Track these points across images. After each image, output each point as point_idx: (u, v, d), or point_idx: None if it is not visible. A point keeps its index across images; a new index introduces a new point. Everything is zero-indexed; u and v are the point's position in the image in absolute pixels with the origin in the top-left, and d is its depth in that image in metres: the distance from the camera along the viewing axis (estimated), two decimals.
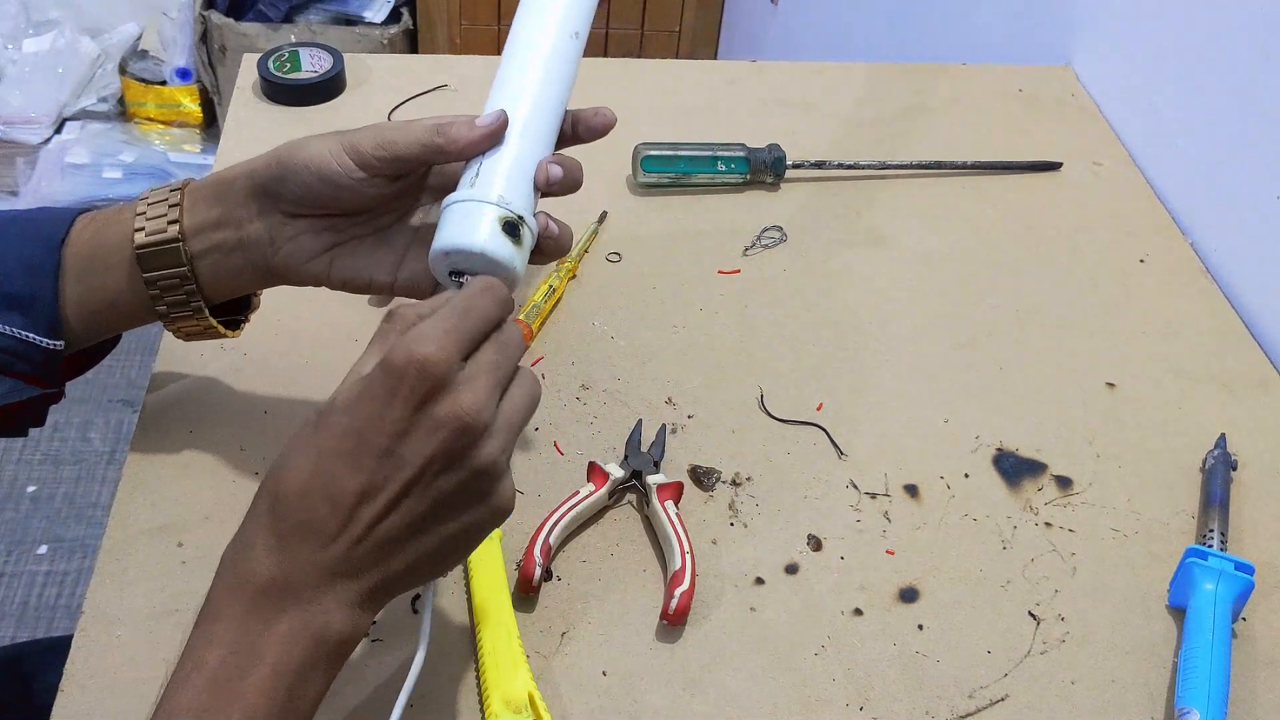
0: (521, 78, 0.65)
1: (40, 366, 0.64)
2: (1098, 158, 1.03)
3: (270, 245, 0.65)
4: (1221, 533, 0.70)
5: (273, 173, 0.63)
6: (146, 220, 0.64)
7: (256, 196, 0.64)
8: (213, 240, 0.64)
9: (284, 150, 0.64)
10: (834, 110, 1.06)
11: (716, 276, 0.87)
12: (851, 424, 0.77)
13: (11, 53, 2.63)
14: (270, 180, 0.64)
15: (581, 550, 0.68)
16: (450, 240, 0.60)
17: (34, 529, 1.85)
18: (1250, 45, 0.89)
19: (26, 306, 0.63)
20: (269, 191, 0.64)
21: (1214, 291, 0.90)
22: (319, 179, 0.63)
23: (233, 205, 0.64)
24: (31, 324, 0.63)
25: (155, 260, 0.63)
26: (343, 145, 0.62)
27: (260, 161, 0.64)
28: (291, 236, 0.65)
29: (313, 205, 0.64)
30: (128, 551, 0.65)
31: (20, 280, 0.62)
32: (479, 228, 0.59)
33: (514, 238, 0.60)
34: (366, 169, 0.63)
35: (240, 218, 0.65)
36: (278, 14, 2.47)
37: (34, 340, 0.63)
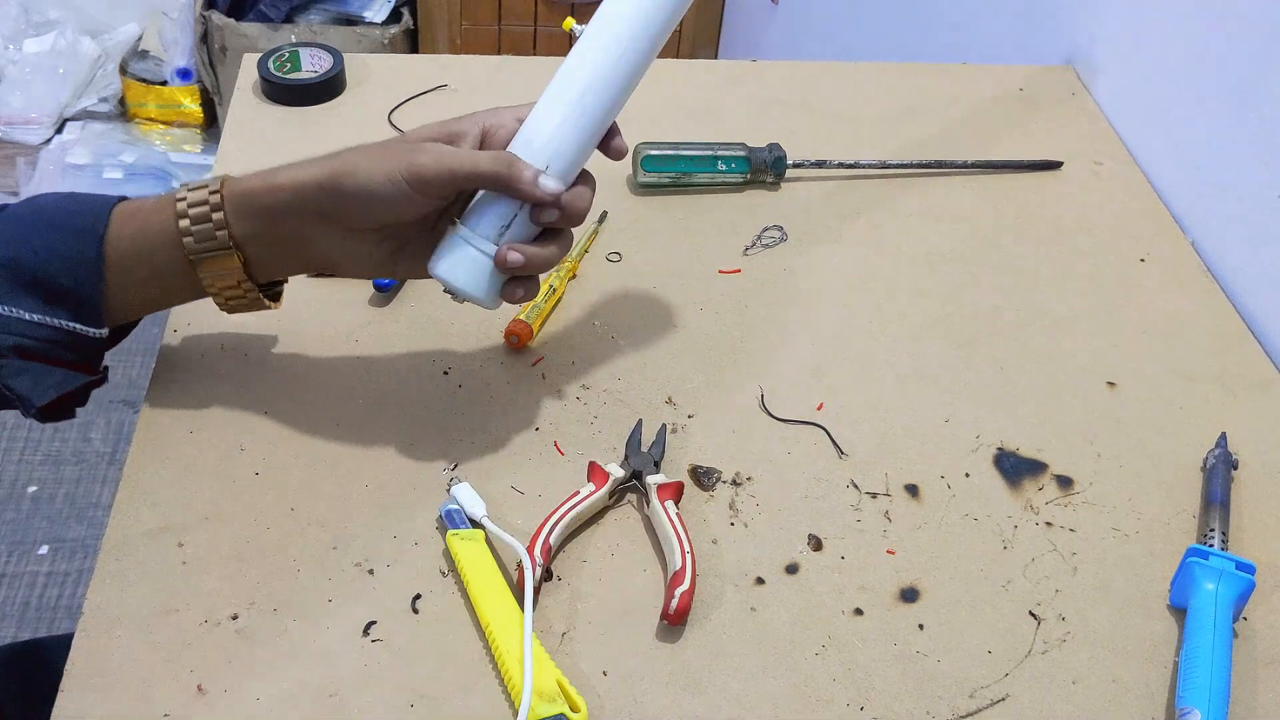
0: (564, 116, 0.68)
1: (87, 354, 0.67)
2: (1098, 157, 1.02)
3: (330, 255, 0.68)
4: (1222, 532, 0.70)
5: (327, 197, 0.65)
6: (192, 224, 0.66)
7: (310, 216, 0.66)
8: (267, 248, 0.68)
9: (337, 173, 0.65)
10: (834, 110, 1.06)
11: (717, 276, 0.87)
12: (852, 424, 0.77)
13: (12, 53, 2.63)
14: (324, 203, 0.66)
15: (582, 550, 0.68)
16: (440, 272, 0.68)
17: (35, 529, 1.85)
18: (1251, 45, 0.89)
19: (73, 300, 0.66)
20: (324, 212, 0.66)
21: (1215, 291, 0.90)
22: (379, 204, 0.65)
23: (285, 222, 0.67)
24: (78, 316, 0.66)
25: (209, 263, 0.67)
26: (401, 172, 0.64)
27: (309, 180, 0.65)
28: (353, 250, 0.68)
29: (372, 223, 0.67)
30: (128, 552, 0.65)
31: (65, 276, 0.65)
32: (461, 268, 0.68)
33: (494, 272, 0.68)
34: (427, 194, 0.65)
35: (295, 233, 0.67)
36: (278, 14, 2.47)
37: (81, 331, 0.66)
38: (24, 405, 0.65)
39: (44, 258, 0.65)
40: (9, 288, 0.65)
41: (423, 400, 0.75)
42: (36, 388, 0.65)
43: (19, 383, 0.65)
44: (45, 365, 0.66)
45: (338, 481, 0.70)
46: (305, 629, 0.63)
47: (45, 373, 0.66)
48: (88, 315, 0.66)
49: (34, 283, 0.65)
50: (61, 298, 0.66)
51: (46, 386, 0.65)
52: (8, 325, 0.65)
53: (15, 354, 0.65)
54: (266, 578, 0.65)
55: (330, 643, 0.62)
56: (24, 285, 0.65)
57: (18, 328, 0.65)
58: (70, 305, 0.66)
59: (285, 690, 0.60)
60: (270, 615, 0.63)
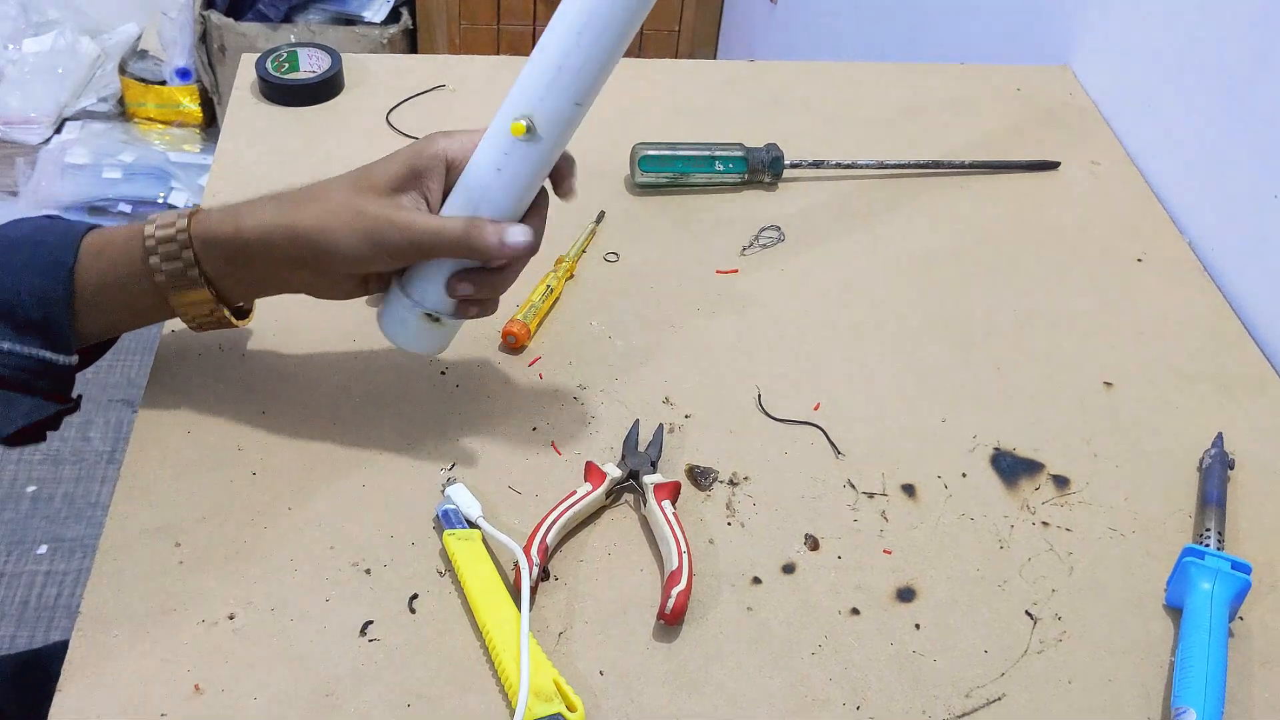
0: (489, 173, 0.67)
1: (57, 382, 0.67)
2: (1096, 157, 1.03)
3: (306, 288, 0.69)
4: (1218, 532, 0.70)
5: (296, 249, 0.66)
6: (162, 261, 0.66)
7: (279, 259, 0.67)
8: (238, 283, 0.69)
9: (307, 230, 0.65)
10: (832, 110, 1.06)
11: (714, 276, 0.88)
12: (849, 424, 0.77)
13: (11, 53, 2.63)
14: (292, 252, 0.66)
15: (579, 550, 0.68)
16: (388, 334, 0.71)
17: (34, 529, 1.85)
18: (1248, 45, 0.89)
19: (43, 330, 0.66)
20: (298, 261, 0.66)
21: (1212, 291, 0.90)
22: (350, 264, 0.66)
23: (254, 264, 0.67)
24: (49, 344, 0.66)
25: (180, 293, 0.67)
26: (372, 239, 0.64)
27: (276, 229, 0.65)
28: (329, 284, 0.69)
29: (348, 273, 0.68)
30: (125, 552, 0.66)
31: (35, 310, 0.65)
32: (404, 329, 0.70)
33: (434, 322, 0.70)
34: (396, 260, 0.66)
35: (265, 271, 0.68)
36: (277, 14, 2.47)
37: (51, 359, 0.66)
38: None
39: (14, 292, 0.65)
40: None
41: (420, 400, 0.75)
42: (5, 416, 0.65)
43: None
44: (15, 394, 0.66)
45: (335, 481, 0.70)
46: (302, 629, 0.63)
47: (14, 401, 0.66)
48: (58, 344, 0.66)
49: (4, 315, 0.65)
50: (31, 328, 0.66)
51: (15, 415, 0.66)
52: None
53: None
54: (264, 577, 0.65)
55: (327, 642, 0.62)
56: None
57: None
58: (40, 334, 0.66)
59: (282, 690, 0.60)
60: (267, 615, 0.63)
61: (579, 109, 0.66)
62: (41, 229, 0.68)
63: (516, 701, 0.58)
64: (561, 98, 0.65)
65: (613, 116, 1.00)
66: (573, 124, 0.67)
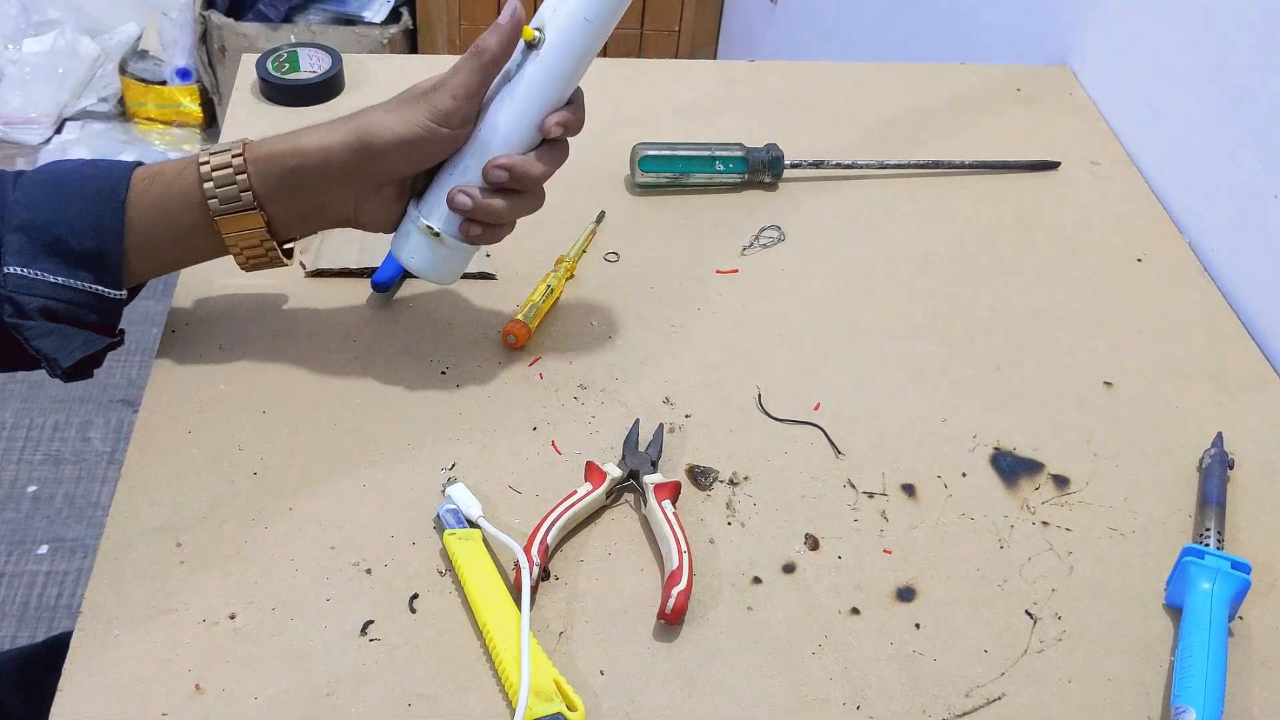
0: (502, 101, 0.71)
1: (107, 316, 0.70)
2: (1096, 157, 1.03)
3: (354, 213, 0.72)
4: (1218, 532, 0.70)
5: (355, 156, 0.68)
6: (216, 186, 0.68)
7: (335, 176, 0.69)
8: (290, 207, 0.70)
9: (365, 131, 0.68)
10: (832, 110, 1.06)
11: (714, 276, 0.88)
12: (849, 423, 0.77)
13: (12, 53, 2.63)
14: (351, 163, 0.68)
15: (579, 550, 0.68)
16: (396, 252, 0.74)
17: (34, 529, 1.85)
18: (1248, 44, 0.89)
19: (95, 263, 0.68)
20: (349, 172, 0.69)
21: (1212, 291, 0.90)
22: (415, 150, 0.69)
23: (310, 183, 0.69)
24: (100, 278, 0.68)
25: (232, 223, 0.69)
26: (428, 114, 0.68)
27: (336, 142, 0.68)
28: (377, 205, 0.72)
29: (402, 173, 0.71)
30: (126, 551, 0.66)
31: (88, 240, 0.67)
32: (405, 241, 0.73)
33: (435, 238, 0.72)
34: (450, 124, 0.69)
35: (319, 193, 0.70)
36: (277, 14, 2.47)
37: (103, 293, 0.68)
38: (51, 365, 0.67)
39: (67, 222, 0.67)
40: (32, 251, 0.67)
41: (420, 400, 0.75)
42: (63, 349, 0.67)
43: (46, 344, 0.67)
44: (69, 327, 0.68)
45: (336, 481, 0.70)
46: (303, 628, 0.63)
47: (71, 335, 0.68)
48: (110, 278, 0.68)
49: (57, 246, 0.67)
50: (85, 261, 0.67)
51: (72, 348, 0.67)
52: (33, 288, 0.66)
53: (42, 315, 0.67)
54: (264, 577, 0.65)
55: (328, 642, 0.62)
56: (46, 248, 0.67)
57: (43, 290, 0.67)
58: (93, 268, 0.68)
59: (283, 689, 0.60)
60: (268, 614, 0.63)
61: (588, 24, 0.69)
62: (89, 164, 0.70)
63: (517, 701, 0.58)
64: (572, 11, 0.69)
65: (613, 116, 1.00)
66: (581, 40, 0.69)
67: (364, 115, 0.69)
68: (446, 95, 0.69)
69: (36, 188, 0.68)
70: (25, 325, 0.66)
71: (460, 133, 0.70)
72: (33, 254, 0.66)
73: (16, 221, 0.67)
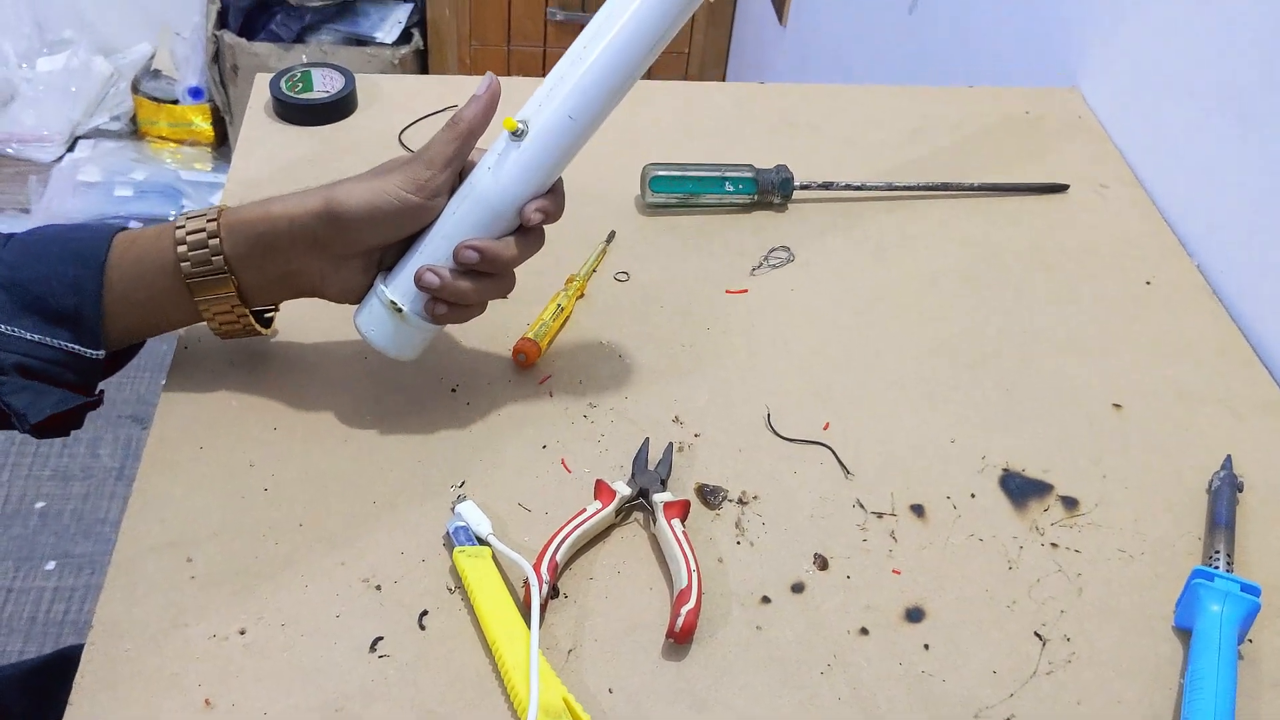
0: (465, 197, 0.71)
1: (84, 375, 0.70)
2: (1104, 180, 1.03)
3: (320, 281, 0.72)
4: (1228, 554, 0.70)
5: (323, 224, 0.68)
6: (190, 250, 0.69)
7: (303, 244, 0.69)
8: (260, 274, 0.70)
9: (333, 199, 0.68)
10: (841, 132, 1.07)
11: (724, 296, 0.88)
12: (858, 443, 0.77)
13: (25, 72, 2.66)
14: (320, 231, 0.69)
15: (588, 568, 0.68)
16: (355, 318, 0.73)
17: (42, 545, 1.86)
18: (1256, 68, 0.89)
19: (73, 322, 0.68)
20: (318, 240, 0.69)
21: (1220, 314, 0.90)
22: (384, 220, 0.68)
23: (278, 249, 0.69)
24: (77, 337, 0.69)
25: (205, 289, 0.69)
26: (401, 183, 0.68)
27: (304, 210, 0.69)
28: (344, 275, 0.71)
29: (370, 243, 0.70)
30: (137, 566, 0.66)
31: (67, 299, 0.68)
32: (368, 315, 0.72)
33: (397, 313, 0.71)
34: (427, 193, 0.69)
35: (287, 260, 0.70)
36: (289, 34, 2.49)
37: (80, 352, 0.69)
38: (21, 421, 0.67)
39: (47, 281, 0.68)
40: (13, 309, 0.68)
41: (431, 417, 0.76)
42: (34, 405, 0.67)
43: (18, 399, 0.67)
44: (44, 385, 0.68)
45: (346, 498, 0.71)
46: (313, 644, 0.63)
47: (44, 391, 0.68)
48: (87, 337, 0.69)
49: (37, 305, 0.68)
50: (63, 319, 0.68)
51: (43, 404, 0.68)
52: (10, 344, 0.67)
53: (17, 372, 0.67)
54: (274, 593, 0.65)
55: (337, 658, 0.62)
56: (27, 307, 0.68)
57: (20, 346, 0.67)
58: (70, 327, 0.69)
59: (292, 705, 0.60)
60: (278, 630, 0.63)
61: (571, 122, 0.68)
62: (74, 228, 0.71)
63: (526, 718, 0.58)
64: (558, 108, 0.68)
65: (623, 137, 1.01)
66: (564, 137, 0.69)
67: (337, 184, 0.69)
68: (421, 164, 0.69)
69: (23, 248, 0.69)
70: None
71: (433, 204, 0.69)
72: (12, 311, 0.67)
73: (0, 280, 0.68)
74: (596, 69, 0.68)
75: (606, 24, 0.68)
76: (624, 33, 0.67)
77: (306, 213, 0.68)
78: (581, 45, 0.68)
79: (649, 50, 0.68)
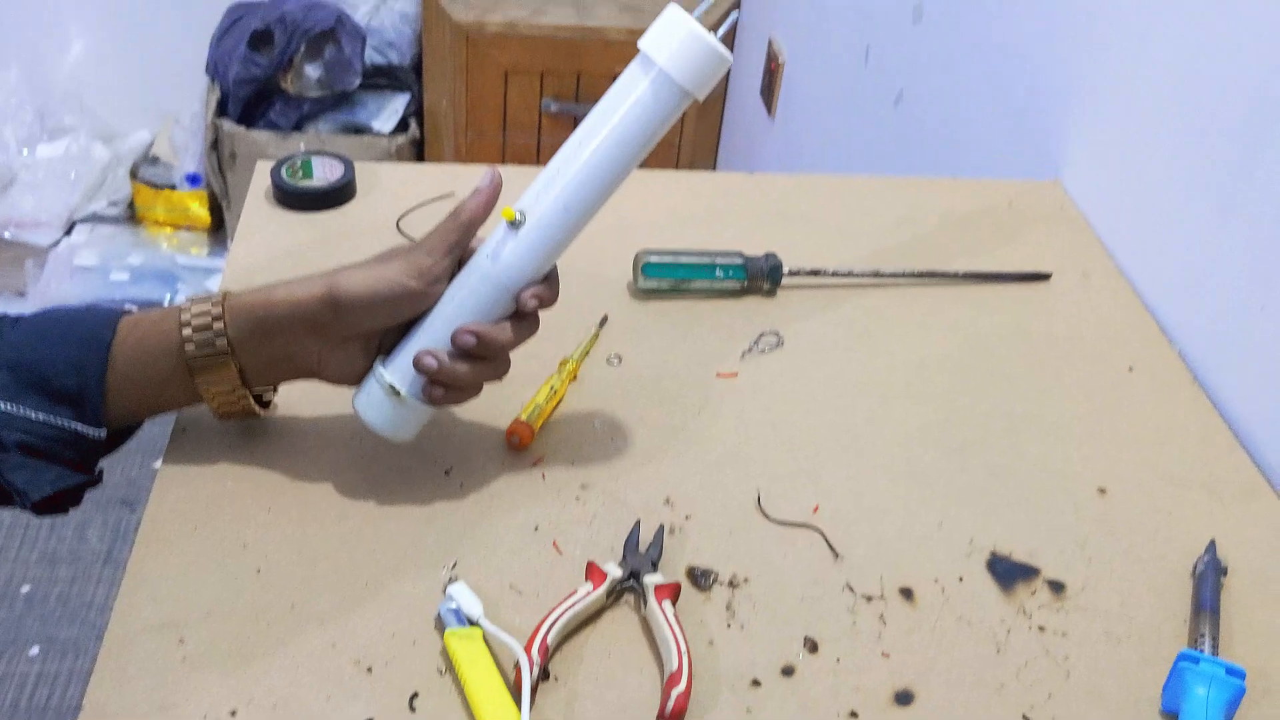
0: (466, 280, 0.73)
1: (85, 455, 0.71)
2: (1086, 269, 1.05)
3: (319, 364, 0.73)
4: (1213, 638, 0.70)
5: (324, 309, 0.70)
6: (194, 332, 0.70)
7: (303, 328, 0.71)
8: (261, 357, 0.72)
9: (335, 285, 0.70)
10: (829, 221, 1.09)
11: (715, 380, 0.89)
12: (847, 526, 0.78)
13: (26, 158, 2.69)
14: (320, 316, 0.70)
15: (579, 650, 0.68)
16: (354, 400, 0.75)
17: (27, 629, 1.84)
18: (1233, 161, 0.92)
19: (76, 402, 0.70)
20: (319, 326, 0.71)
21: (1202, 400, 0.91)
22: (384, 306, 0.70)
23: (279, 334, 0.71)
24: (80, 416, 0.70)
25: (206, 371, 0.71)
26: (402, 270, 0.70)
27: (306, 296, 0.70)
28: (343, 358, 0.73)
29: (369, 327, 0.72)
30: (128, 647, 0.66)
31: (71, 379, 0.69)
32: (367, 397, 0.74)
33: (395, 396, 0.73)
34: (427, 279, 0.71)
35: (288, 343, 0.72)
36: (288, 123, 2.53)
37: (82, 431, 0.70)
38: (21, 498, 0.68)
39: (52, 362, 0.69)
40: (17, 388, 0.69)
41: (424, 499, 0.76)
42: (34, 482, 0.68)
43: (18, 476, 0.68)
44: (44, 462, 0.69)
45: (338, 578, 0.71)
46: None
47: (44, 469, 0.69)
48: (89, 416, 0.70)
49: (42, 384, 0.69)
50: (65, 398, 0.70)
51: (43, 482, 0.68)
52: (13, 422, 0.68)
53: (18, 450, 0.68)
54: (266, 674, 0.65)
55: None
56: (31, 386, 0.69)
57: (22, 425, 0.69)
58: (73, 405, 0.70)
59: None
60: (269, 712, 0.63)
61: (566, 214, 0.71)
62: (82, 310, 0.73)
63: None
64: (554, 199, 0.71)
65: (617, 224, 1.03)
66: (560, 227, 0.71)
67: (339, 270, 0.71)
68: (423, 252, 0.71)
69: (31, 329, 0.71)
70: (0, 458, 0.67)
71: (432, 291, 0.71)
72: (16, 391, 0.69)
73: (5, 360, 0.70)
74: (591, 164, 0.70)
75: (601, 122, 0.71)
76: (617, 131, 0.70)
77: (309, 298, 0.70)
78: (577, 141, 0.71)
79: (641, 148, 0.71)
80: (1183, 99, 0.98)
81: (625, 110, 0.70)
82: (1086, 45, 1.13)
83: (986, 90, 1.35)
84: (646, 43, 0.69)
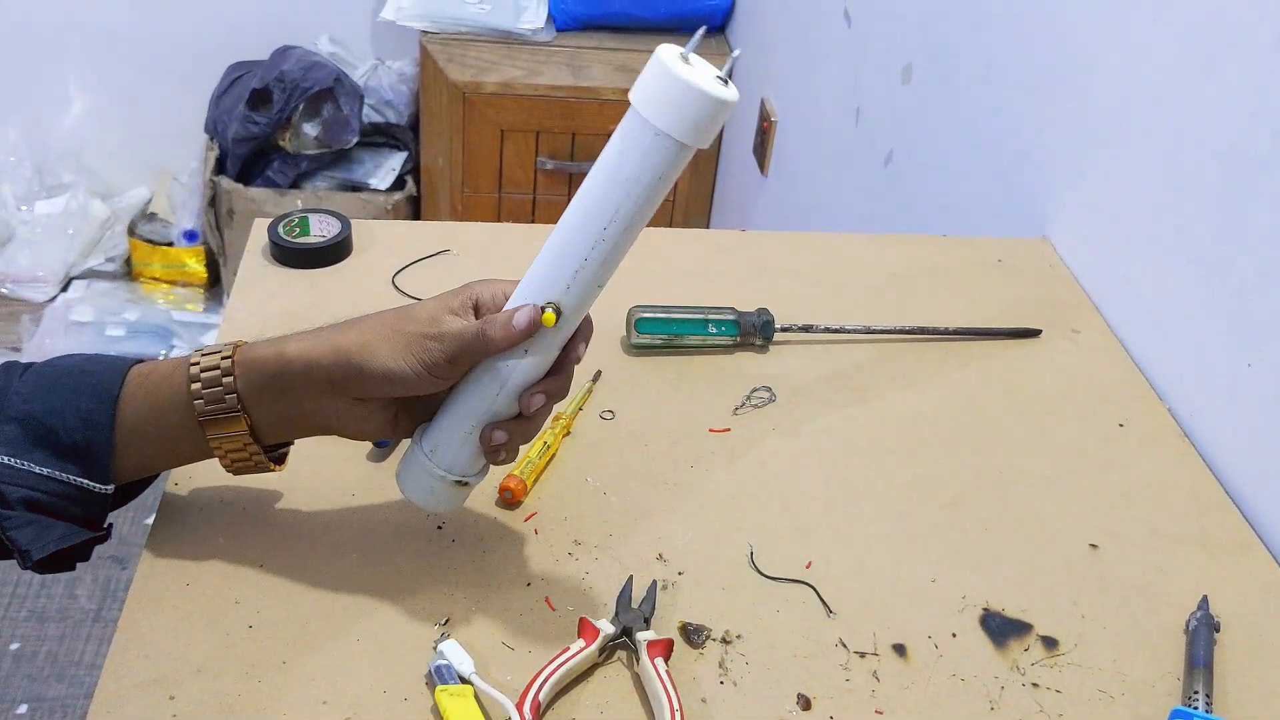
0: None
1: (92, 510, 0.70)
2: (1076, 325, 1.06)
3: (336, 421, 0.71)
4: (1206, 694, 0.70)
5: (343, 373, 0.68)
6: (203, 387, 0.69)
7: (319, 386, 0.69)
8: (274, 413, 0.70)
9: (354, 354, 0.68)
10: (821, 277, 1.10)
11: (707, 435, 0.90)
12: (840, 582, 0.78)
13: (24, 214, 2.71)
14: (336, 377, 0.68)
15: (571, 707, 0.68)
16: (407, 493, 0.74)
17: (15, 687, 1.82)
18: (1216, 220, 0.93)
19: (83, 456, 0.68)
20: (333, 384, 0.69)
21: (1192, 455, 0.92)
22: (397, 385, 0.68)
23: (293, 390, 0.69)
24: (86, 471, 0.68)
25: (216, 425, 0.69)
26: (420, 360, 0.68)
27: (321, 355, 0.68)
28: (356, 416, 0.71)
29: (385, 396, 0.70)
30: (120, 704, 0.66)
31: (78, 432, 0.68)
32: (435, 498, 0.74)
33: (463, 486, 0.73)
34: (446, 378, 0.69)
35: (302, 400, 0.70)
36: (285, 180, 2.55)
37: (88, 487, 0.69)
38: (22, 557, 0.67)
39: (60, 414, 0.68)
40: (24, 443, 0.67)
41: (416, 555, 0.76)
42: (37, 540, 0.67)
43: (22, 534, 0.66)
44: (50, 519, 0.68)
45: (330, 635, 0.71)
46: None
47: (49, 526, 0.67)
48: (96, 471, 0.69)
49: (49, 438, 0.68)
50: (72, 453, 0.68)
51: (47, 540, 0.67)
52: (18, 478, 0.67)
53: (24, 506, 0.67)
54: None
55: None
56: (38, 440, 0.68)
57: (28, 480, 0.67)
58: (81, 461, 0.68)
59: None
60: None
61: (601, 289, 0.71)
62: (90, 360, 0.71)
63: None
64: (588, 284, 0.70)
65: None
66: (590, 303, 0.71)
67: (353, 334, 0.69)
68: (442, 356, 0.68)
69: (39, 379, 0.69)
70: (4, 515, 0.66)
71: (445, 383, 0.70)
72: (23, 445, 0.67)
73: (13, 412, 0.68)
74: (622, 240, 0.69)
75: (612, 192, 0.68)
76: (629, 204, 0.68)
77: (325, 358, 0.68)
78: (598, 222, 0.68)
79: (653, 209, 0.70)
80: (1166, 158, 1.00)
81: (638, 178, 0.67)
82: (1072, 105, 1.15)
83: (975, 149, 1.37)
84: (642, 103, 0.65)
